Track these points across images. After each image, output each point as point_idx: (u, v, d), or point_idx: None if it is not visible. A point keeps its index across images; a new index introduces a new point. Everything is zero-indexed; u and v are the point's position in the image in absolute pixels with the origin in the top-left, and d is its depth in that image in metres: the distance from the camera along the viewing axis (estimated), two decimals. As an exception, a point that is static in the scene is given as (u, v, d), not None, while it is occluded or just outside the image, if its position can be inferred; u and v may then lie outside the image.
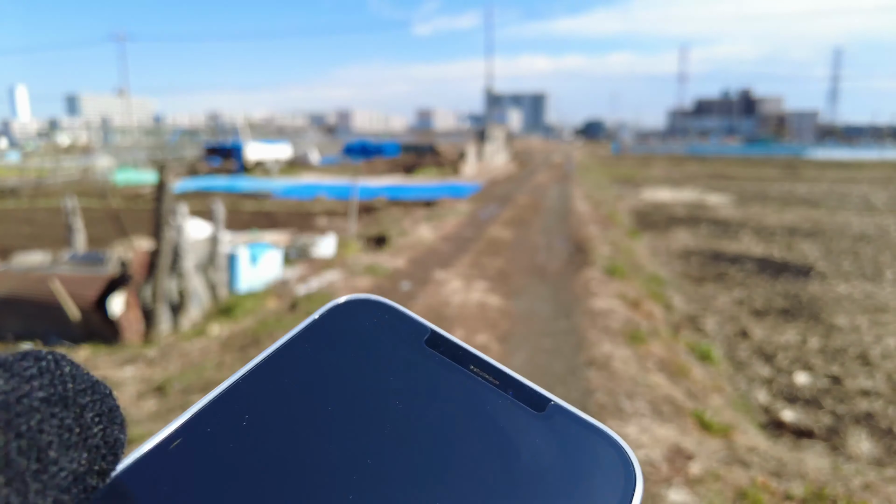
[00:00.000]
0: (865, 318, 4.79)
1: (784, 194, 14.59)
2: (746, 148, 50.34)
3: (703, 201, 13.03)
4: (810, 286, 5.78)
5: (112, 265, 4.34)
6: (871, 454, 2.88)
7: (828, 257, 7.16)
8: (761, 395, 3.50)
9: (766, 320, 4.80)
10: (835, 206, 12.35)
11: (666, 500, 2.07)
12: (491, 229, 7.90)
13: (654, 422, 2.60)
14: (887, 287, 5.76)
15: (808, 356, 4.04)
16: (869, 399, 3.41)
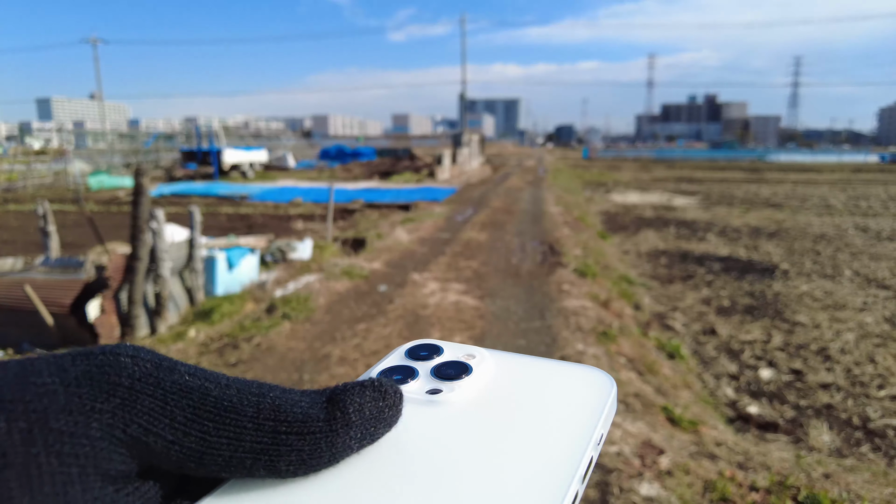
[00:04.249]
0: (825, 315, 4.97)
1: (748, 196, 15.03)
2: (712, 152, 51.68)
3: (671, 204, 13.33)
4: (774, 285, 5.96)
5: (87, 270, 4.22)
6: (831, 445, 2.99)
7: (790, 257, 7.40)
8: (728, 390, 3.60)
9: (731, 318, 4.94)
10: (796, 207, 12.77)
11: (638, 493, 2.11)
12: (466, 232, 7.94)
13: (625, 418, 2.66)
14: (846, 285, 5.98)
15: (772, 352, 4.17)
16: (829, 392, 3.54)
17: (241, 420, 0.17)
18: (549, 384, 0.24)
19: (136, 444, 0.16)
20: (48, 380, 0.16)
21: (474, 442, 0.20)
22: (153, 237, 4.07)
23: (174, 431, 0.17)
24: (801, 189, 17.31)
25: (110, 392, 0.16)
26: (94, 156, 23.28)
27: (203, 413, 0.17)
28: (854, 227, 9.83)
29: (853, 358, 4.04)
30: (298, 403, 0.18)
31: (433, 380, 0.25)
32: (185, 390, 0.17)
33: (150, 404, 0.17)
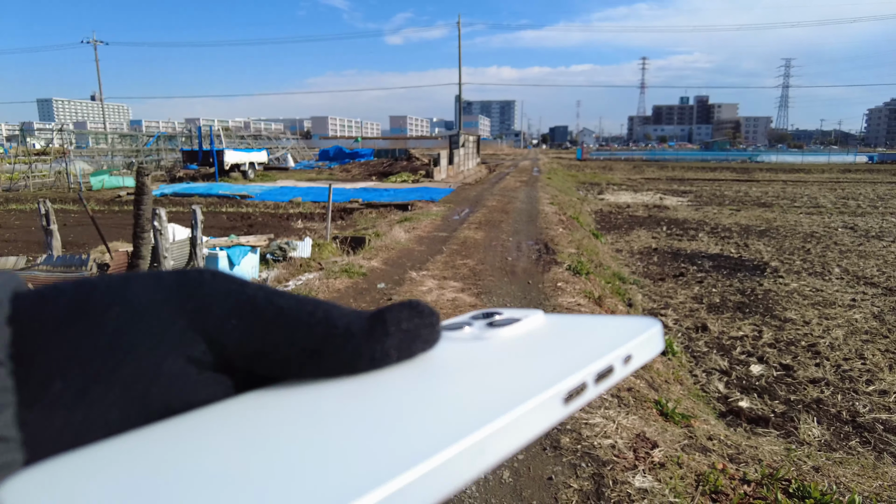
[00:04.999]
0: (815, 311, 5.03)
1: (739, 196, 15.15)
2: (703, 152, 51.98)
3: (663, 203, 13.41)
4: (764, 282, 6.03)
5: (90, 268, 4.21)
6: (821, 439, 3.03)
7: (780, 255, 7.47)
8: (719, 385, 3.65)
9: (722, 315, 4.99)
10: (786, 206, 12.89)
11: (632, 485, 2.14)
12: (463, 231, 7.96)
13: (618, 412, 2.69)
14: (835, 282, 6.06)
15: (763, 348, 4.22)
16: (819, 387, 3.59)
17: (296, 325, 0.20)
18: (593, 326, 0.25)
19: (212, 339, 0.20)
20: (149, 282, 0.21)
21: (503, 365, 0.22)
22: (155, 236, 4.06)
23: (242, 331, 0.20)
24: (791, 189, 17.47)
25: (195, 296, 0.21)
26: (95, 156, 23.13)
27: (266, 318, 0.20)
28: (843, 226, 9.94)
29: (842, 354, 4.10)
30: (346, 315, 0.21)
31: (484, 329, 0.26)
32: (253, 300, 0.21)
33: (225, 308, 0.20)
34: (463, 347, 0.24)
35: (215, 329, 0.20)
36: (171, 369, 0.20)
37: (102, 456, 0.18)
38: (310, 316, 0.21)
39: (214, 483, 0.16)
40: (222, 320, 0.20)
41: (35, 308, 0.19)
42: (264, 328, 0.20)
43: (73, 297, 0.20)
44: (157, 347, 0.19)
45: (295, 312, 0.21)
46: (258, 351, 0.21)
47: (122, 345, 0.19)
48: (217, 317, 0.20)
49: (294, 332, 0.20)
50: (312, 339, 0.20)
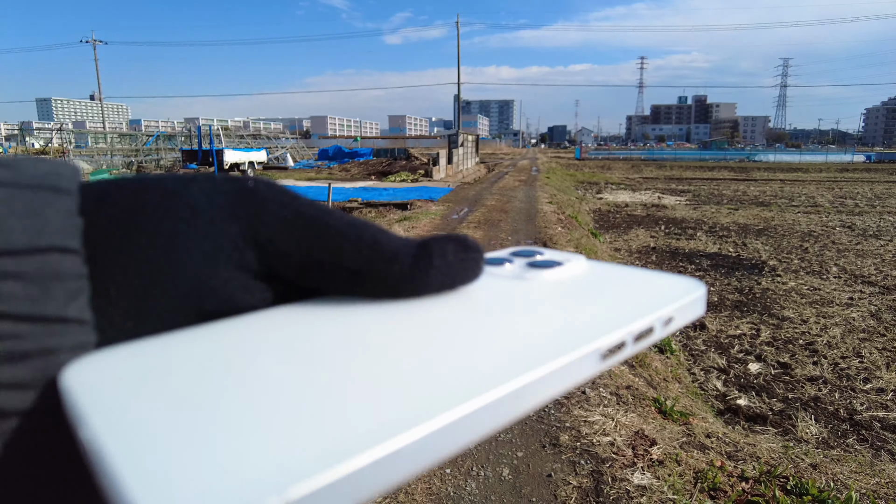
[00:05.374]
0: (812, 310, 5.05)
1: (737, 195, 15.18)
2: (701, 152, 52.04)
3: (661, 202, 13.43)
4: (762, 281, 6.04)
5: None
6: (818, 436, 3.05)
7: (778, 254, 7.49)
8: (717, 383, 3.66)
9: (720, 313, 5.00)
10: (784, 205, 12.92)
11: (631, 482, 2.15)
12: (462, 230, 7.97)
13: (617, 410, 2.70)
14: (832, 281, 6.07)
15: (761, 347, 4.23)
16: (816, 385, 3.61)
17: (343, 243, 0.21)
18: (636, 281, 0.25)
19: (261, 248, 0.21)
20: (206, 185, 0.21)
21: (542, 310, 0.21)
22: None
23: (290, 243, 0.21)
24: (789, 188, 17.52)
25: (248, 205, 0.21)
26: (94, 155, 23.10)
27: (314, 233, 0.21)
28: (840, 225, 9.97)
29: (840, 352, 4.11)
30: (393, 241, 0.22)
31: (525, 269, 0.26)
32: (302, 214, 0.21)
33: (276, 219, 0.21)
34: (503, 286, 0.24)
35: (266, 238, 0.21)
36: (222, 273, 0.20)
37: (167, 346, 0.18)
38: (357, 236, 0.21)
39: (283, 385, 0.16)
40: (273, 230, 0.21)
41: (99, 202, 0.20)
42: (312, 242, 0.21)
43: (134, 194, 0.20)
44: (211, 251, 0.20)
45: (344, 230, 0.21)
46: (305, 264, 0.21)
47: (178, 245, 0.20)
48: (269, 226, 0.21)
49: (341, 249, 0.21)
50: (358, 258, 0.21)
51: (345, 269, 0.21)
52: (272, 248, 0.21)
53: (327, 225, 0.21)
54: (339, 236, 0.21)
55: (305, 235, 0.21)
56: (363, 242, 0.21)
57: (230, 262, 0.20)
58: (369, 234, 0.21)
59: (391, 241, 0.21)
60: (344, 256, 0.21)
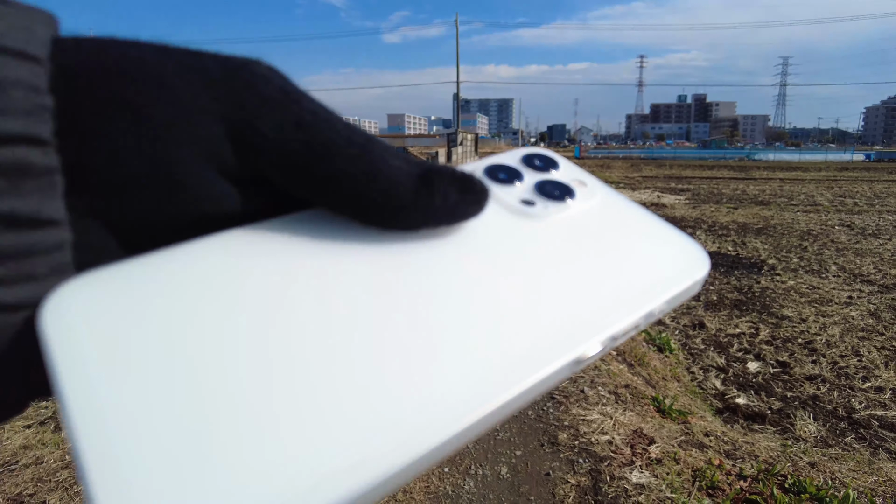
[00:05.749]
0: (812, 309, 5.05)
1: (736, 194, 15.18)
2: (701, 151, 52.04)
3: (660, 201, 13.44)
4: (761, 280, 6.05)
5: None
6: (817, 435, 3.05)
7: (777, 253, 7.49)
8: (716, 382, 3.66)
9: (720, 312, 5.01)
10: (783, 204, 12.92)
11: (629, 480, 2.15)
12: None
13: (616, 408, 2.70)
14: (831, 280, 6.08)
15: (760, 345, 4.23)
16: (815, 384, 3.61)
17: (340, 164, 0.19)
18: (640, 237, 0.23)
19: (250, 154, 0.19)
20: (192, 77, 0.18)
21: (532, 263, 0.20)
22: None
23: (285, 156, 0.19)
24: (788, 187, 17.52)
25: (240, 103, 0.19)
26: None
27: (314, 151, 0.19)
28: (840, 224, 9.97)
29: (838, 351, 4.11)
30: (396, 168, 0.20)
31: (533, 192, 0.24)
32: (303, 124, 0.19)
33: (271, 124, 0.19)
34: (507, 225, 0.22)
35: (258, 144, 0.19)
36: (206, 178, 0.18)
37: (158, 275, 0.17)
38: (358, 157, 0.19)
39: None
40: (267, 136, 0.19)
41: (74, 77, 0.17)
42: (309, 160, 0.19)
43: (117, 73, 0.17)
44: (194, 155, 0.18)
45: (343, 148, 0.19)
46: (297, 179, 0.19)
47: (161, 145, 0.17)
48: (262, 134, 0.19)
49: (336, 169, 0.19)
50: (353, 183, 0.19)
51: (339, 189, 0.19)
52: (262, 157, 0.19)
53: (326, 140, 0.19)
54: (337, 155, 0.19)
55: (300, 149, 0.19)
56: (363, 166, 0.19)
57: (210, 164, 0.18)
58: (373, 154, 0.20)
59: (394, 169, 0.20)
60: (339, 177, 0.19)
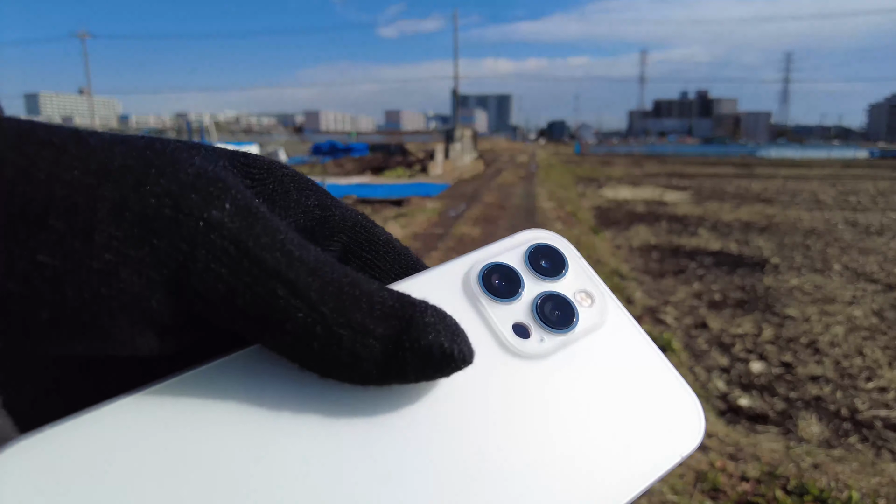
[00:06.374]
0: (815, 308, 5.02)
1: (739, 191, 15.13)
2: (703, 147, 51.92)
3: (663, 199, 13.39)
4: (765, 279, 6.02)
5: None
6: (820, 436, 3.03)
7: (781, 251, 7.46)
8: (719, 382, 3.64)
9: (723, 312, 4.98)
10: (787, 202, 12.87)
11: (630, 484, 2.13)
12: (459, 227, 7.94)
13: (618, 410, 2.68)
14: (835, 279, 6.05)
15: (763, 345, 4.21)
16: (819, 385, 3.59)
17: (291, 332, 0.16)
18: (642, 390, 0.21)
19: (187, 307, 0.16)
20: (131, 200, 0.15)
21: (517, 421, 0.19)
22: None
23: (230, 317, 0.16)
24: (792, 184, 17.46)
25: (182, 255, 0.15)
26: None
27: (258, 309, 0.16)
28: (843, 222, 9.93)
29: (842, 351, 4.09)
30: (362, 333, 0.17)
31: (530, 314, 0.22)
32: (252, 283, 0.16)
33: (216, 281, 0.16)
34: (495, 366, 0.20)
35: (197, 301, 0.16)
36: (129, 330, 0.15)
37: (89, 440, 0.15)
38: (313, 323, 0.16)
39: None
40: (207, 297, 0.16)
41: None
42: (255, 317, 0.16)
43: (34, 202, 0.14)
44: (118, 308, 0.15)
45: (298, 317, 0.16)
46: (245, 333, 0.17)
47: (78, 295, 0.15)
48: (201, 293, 0.16)
49: (287, 338, 0.16)
50: (308, 350, 0.16)
51: (293, 356, 0.17)
52: (199, 306, 0.16)
53: (282, 310, 0.16)
54: (293, 325, 0.16)
55: (250, 311, 0.16)
56: (319, 338, 0.16)
57: (137, 313, 0.15)
58: (328, 325, 0.16)
59: (355, 339, 0.17)
60: (294, 349, 0.16)
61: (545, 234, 0.25)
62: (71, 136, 0.15)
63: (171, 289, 0.15)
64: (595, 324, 0.22)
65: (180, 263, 0.15)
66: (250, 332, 0.16)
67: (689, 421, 0.22)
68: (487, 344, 0.20)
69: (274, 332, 0.16)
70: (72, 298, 0.14)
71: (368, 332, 0.17)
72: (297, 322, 0.16)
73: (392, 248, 0.23)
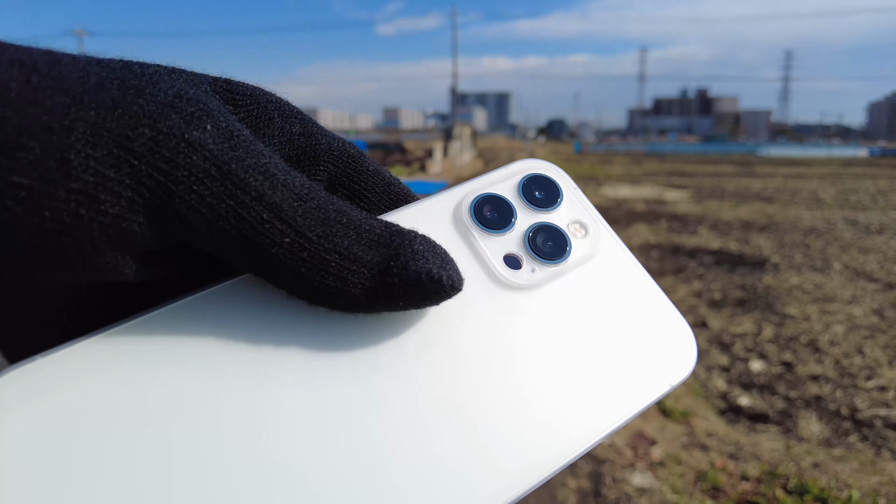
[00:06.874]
0: (815, 307, 5.02)
1: (739, 190, 15.12)
2: (703, 146, 51.87)
3: (662, 197, 13.39)
4: (765, 278, 6.02)
5: None
6: (820, 435, 3.03)
7: (781, 250, 7.46)
8: (719, 382, 3.64)
9: (723, 311, 4.98)
10: (787, 201, 12.87)
11: (630, 483, 2.13)
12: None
13: (618, 409, 2.68)
14: (835, 278, 6.05)
15: (763, 344, 4.21)
16: (818, 384, 3.59)
17: (277, 257, 0.16)
18: (635, 320, 0.21)
19: (169, 232, 0.16)
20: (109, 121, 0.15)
21: (509, 350, 0.19)
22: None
23: (213, 240, 0.16)
24: (792, 183, 17.45)
25: (161, 176, 0.15)
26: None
27: (242, 235, 0.16)
28: (843, 221, 9.93)
29: (842, 349, 4.09)
30: (350, 259, 0.16)
31: (522, 245, 0.21)
32: (235, 206, 0.16)
33: (197, 204, 0.15)
34: (485, 296, 0.19)
35: (178, 224, 0.15)
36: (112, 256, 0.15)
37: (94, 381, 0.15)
38: (300, 248, 0.16)
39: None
40: (189, 220, 0.15)
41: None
42: (239, 244, 0.16)
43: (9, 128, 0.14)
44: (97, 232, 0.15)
45: (282, 241, 0.16)
46: (230, 258, 0.16)
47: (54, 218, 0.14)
48: (182, 215, 0.15)
49: (273, 263, 0.16)
50: (295, 276, 0.16)
51: (279, 282, 0.16)
52: (182, 232, 0.15)
53: (265, 234, 0.16)
54: (279, 249, 0.16)
55: (233, 237, 0.15)
56: (306, 262, 0.16)
57: (117, 238, 0.15)
58: (315, 250, 0.16)
59: (342, 264, 0.16)
60: (279, 274, 0.16)
61: (540, 164, 0.24)
62: (44, 56, 0.15)
63: (152, 211, 0.15)
64: (588, 254, 0.22)
65: (161, 185, 0.15)
66: (236, 257, 0.16)
67: (682, 350, 0.21)
68: (478, 275, 0.20)
69: (260, 258, 0.16)
70: (50, 221, 0.14)
71: (356, 259, 0.17)
72: (284, 247, 0.16)
73: (381, 179, 0.23)
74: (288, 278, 0.16)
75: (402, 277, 0.17)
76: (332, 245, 0.16)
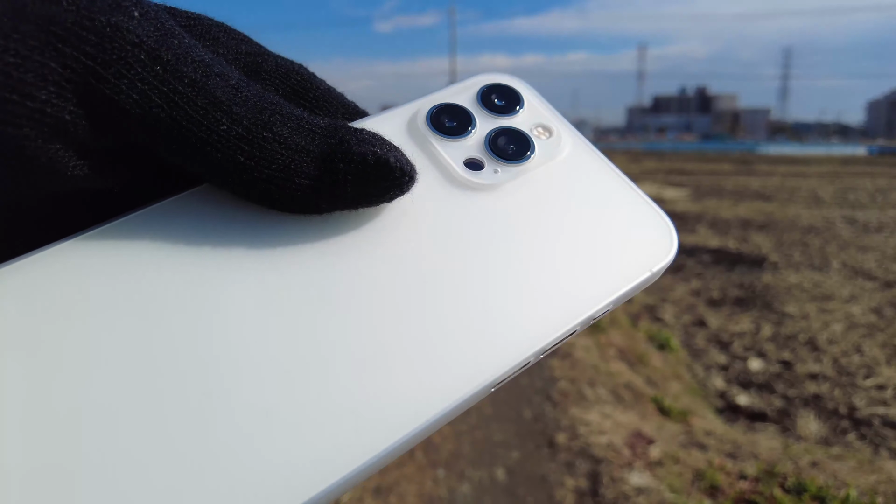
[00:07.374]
0: (814, 306, 5.02)
1: (738, 188, 15.13)
2: (702, 144, 51.89)
3: (661, 195, 13.39)
4: (763, 276, 6.02)
5: None
6: (818, 434, 3.03)
7: (779, 249, 7.46)
8: (718, 380, 3.64)
9: (721, 310, 4.98)
10: (786, 199, 12.88)
11: (628, 482, 2.13)
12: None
13: (615, 408, 2.68)
14: (833, 276, 6.05)
15: (762, 343, 4.21)
16: (817, 382, 3.58)
17: (218, 150, 0.15)
18: (606, 213, 0.21)
19: (108, 124, 0.15)
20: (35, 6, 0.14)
21: (473, 249, 0.18)
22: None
23: (150, 130, 0.15)
24: (791, 181, 17.47)
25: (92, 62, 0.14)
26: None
27: (179, 126, 0.15)
28: (842, 219, 9.93)
29: (841, 348, 4.09)
30: (292, 150, 0.16)
31: (483, 149, 0.21)
32: (170, 94, 0.15)
33: (131, 92, 0.15)
34: (446, 198, 0.19)
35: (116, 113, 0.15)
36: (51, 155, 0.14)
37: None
38: (238, 138, 0.15)
39: None
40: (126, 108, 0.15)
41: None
42: (181, 118, 0.15)
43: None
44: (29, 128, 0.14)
45: (220, 131, 0.15)
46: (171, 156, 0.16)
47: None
48: (119, 103, 0.15)
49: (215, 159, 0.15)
50: (238, 170, 0.16)
51: (224, 180, 0.16)
52: (121, 125, 0.15)
53: (202, 124, 0.15)
54: (219, 140, 0.15)
55: (172, 128, 0.15)
56: (248, 154, 0.15)
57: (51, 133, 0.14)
58: (255, 141, 0.15)
59: (285, 153, 0.16)
60: (223, 171, 0.16)
61: (499, 76, 0.24)
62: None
63: (84, 98, 0.14)
64: (553, 153, 0.22)
65: (89, 69, 0.14)
66: (174, 152, 0.16)
67: (660, 238, 0.21)
68: (438, 180, 0.20)
69: (197, 149, 0.15)
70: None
71: (299, 147, 0.16)
72: (220, 134, 0.15)
73: (333, 97, 0.22)
74: (230, 171, 0.16)
75: (347, 161, 0.16)
76: (272, 134, 0.16)
